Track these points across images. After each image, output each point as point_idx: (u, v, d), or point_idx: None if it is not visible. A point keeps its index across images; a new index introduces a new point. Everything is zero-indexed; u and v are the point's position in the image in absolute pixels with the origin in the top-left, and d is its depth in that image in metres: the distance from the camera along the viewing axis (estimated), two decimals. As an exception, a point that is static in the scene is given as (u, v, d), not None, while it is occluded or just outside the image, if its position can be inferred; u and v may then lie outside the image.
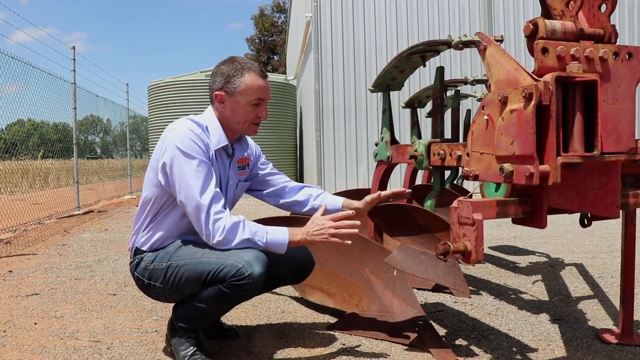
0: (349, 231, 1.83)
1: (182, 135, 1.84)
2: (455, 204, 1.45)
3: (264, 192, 2.26)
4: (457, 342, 2.19)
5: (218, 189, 1.84)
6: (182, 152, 1.81)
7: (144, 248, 1.96)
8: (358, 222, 1.86)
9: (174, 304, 1.99)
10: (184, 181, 1.80)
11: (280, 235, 1.85)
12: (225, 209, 1.82)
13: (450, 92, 3.23)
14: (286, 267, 2.06)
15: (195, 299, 1.85)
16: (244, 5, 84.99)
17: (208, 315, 1.91)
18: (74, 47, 8.19)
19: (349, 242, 1.84)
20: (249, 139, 2.20)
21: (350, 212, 1.91)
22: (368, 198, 2.18)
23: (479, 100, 2.71)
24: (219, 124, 1.96)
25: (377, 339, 2.20)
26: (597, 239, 4.69)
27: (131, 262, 2.00)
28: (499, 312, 2.59)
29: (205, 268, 1.77)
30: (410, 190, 2.22)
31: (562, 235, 4.94)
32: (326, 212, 2.05)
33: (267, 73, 2.05)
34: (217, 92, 1.95)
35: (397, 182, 8.38)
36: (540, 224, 1.47)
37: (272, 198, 2.26)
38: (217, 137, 1.94)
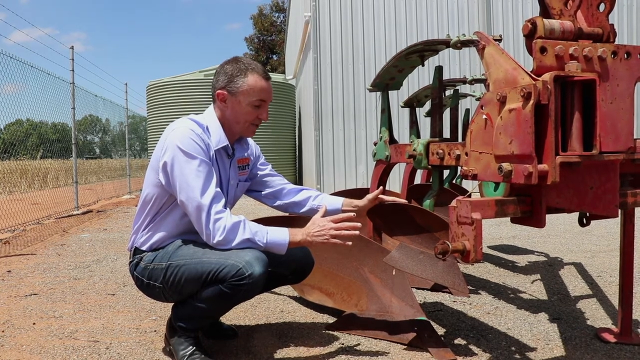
0: (349, 232, 1.83)
1: (183, 135, 1.84)
2: (454, 203, 1.45)
3: (262, 193, 2.26)
4: (456, 341, 2.19)
5: (219, 189, 1.84)
6: (183, 152, 1.81)
7: (144, 248, 1.96)
8: (359, 224, 1.86)
9: (173, 303, 1.99)
10: (184, 181, 1.80)
11: (280, 236, 1.85)
12: (225, 208, 1.82)
13: (449, 92, 3.23)
14: (285, 267, 2.06)
15: (195, 299, 1.84)
16: (242, 5, 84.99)
17: (208, 315, 1.91)
18: (72, 47, 8.19)
19: (350, 243, 1.85)
20: (249, 139, 2.20)
21: (351, 214, 1.91)
22: (370, 196, 2.18)
23: (478, 99, 2.71)
24: (220, 124, 1.96)
25: (376, 339, 2.20)
26: (595, 238, 4.69)
27: (130, 262, 2.00)
28: (498, 311, 2.60)
29: (205, 268, 1.77)
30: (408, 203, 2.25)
31: (561, 234, 4.95)
32: (326, 213, 2.05)
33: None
34: (219, 91, 1.95)
35: (396, 182, 8.38)
36: (539, 223, 1.47)
37: (270, 199, 2.26)
38: (218, 137, 1.94)
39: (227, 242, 1.78)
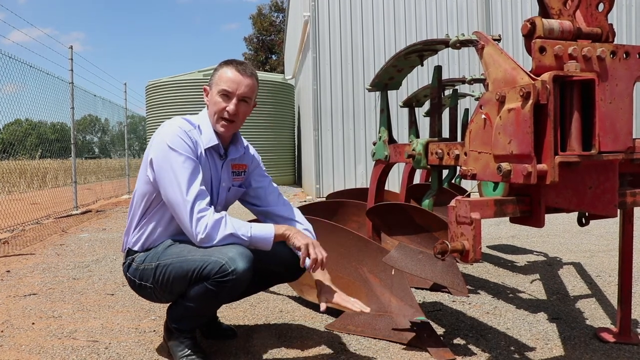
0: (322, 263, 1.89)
1: (170, 132, 1.85)
2: (453, 203, 1.45)
3: (254, 207, 2.19)
4: (455, 341, 2.19)
5: (204, 187, 1.84)
6: (169, 148, 1.82)
7: (135, 248, 1.96)
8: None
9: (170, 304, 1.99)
10: (169, 178, 1.80)
11: (265, 229, 1.85)
12: (210, 207, 1.82)
13: (448, 91, 3.24)
14: (280, 265, 2.05)
15: (184, 299, 1.85)
16: (240, 5, 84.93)
17: (198, 314, 1.90)
18: (71, 47, 8.18)
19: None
20: (250, 147, 2.18)
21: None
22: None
23: (477, 99, 2.71)
24: (211, 124, 1.96)
25: (375, 338, 2.20)
26: (594, 238, 4.70)
27: (124, 263, 2.00)
28: (497, 311, 2.60)
29: (190, 266, 1.77)
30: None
31: (560, 234, 4.95)
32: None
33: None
34: (205, 87, 2.01)
35: (395, 182, 8.38)
36: (538, 223, 1.47)
37: (261, 216, 2.19)
38: (209, 137, 1.94)
39: (210, 239, 1.78)
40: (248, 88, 1.93)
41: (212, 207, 1.84)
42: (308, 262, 1.86)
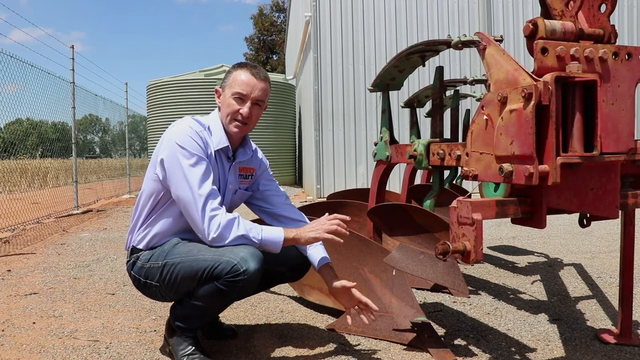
0: (341, 230, 1.87)
1: (181, 132, 1.85)
2: (454, 203, 1.45)
3: (260, 209, 2.20)
4: (456, 342, 2.19)
5: (215, 187, 1.84)
6: (180, 148, 1.82)
7: (140, 246, 1.96)
8: (347, 217, 1.93)
9: (172, 303, 1.99)
10: (181, 177, 1.80)
11: (275, 233, 1.86)
12: (221, 206, 1.83)
13: (449, 92, 3.23)
14: (283, 265, 2.06)
15: (191, 298, 1.85)
16: (241, 6, 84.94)
17: (205, 314, 1.91)
18: (72, 46, 8.18)
19: (341, 240, 1.88)
20: (258, 150, 2.18)
21: (344, 216, 1.95)
22: (344, 284, 1.98)
23: (479, 100, 2.71)
24: (222, 126, 1.97)
25: (376, 339, 2.20)
26: (596, 239, 4.69)
27: (127, 261, 2.00)
28: (498, 312, 2.60)
29: (200, 265, 1.77)
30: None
31: (561, 235, 4.95)
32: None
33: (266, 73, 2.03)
34: (216, 88, 2.01)
35: (396, 182, 8.38)
36: (540, 224, 1.47)
37: (267, 217, 2.19)
38: (218, 138, 1.94)
39: (222, 239, 1.79)
40: (262, 92, 1.95)
41: (224, 207, 1.85)
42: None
